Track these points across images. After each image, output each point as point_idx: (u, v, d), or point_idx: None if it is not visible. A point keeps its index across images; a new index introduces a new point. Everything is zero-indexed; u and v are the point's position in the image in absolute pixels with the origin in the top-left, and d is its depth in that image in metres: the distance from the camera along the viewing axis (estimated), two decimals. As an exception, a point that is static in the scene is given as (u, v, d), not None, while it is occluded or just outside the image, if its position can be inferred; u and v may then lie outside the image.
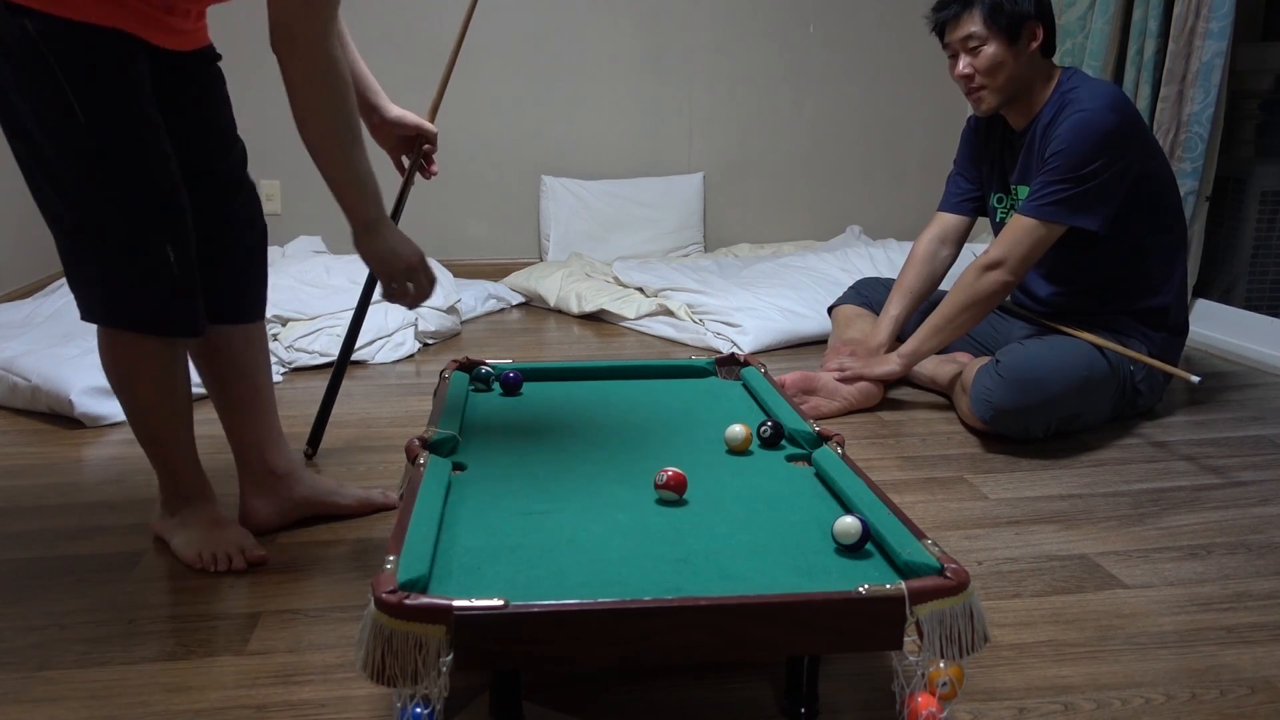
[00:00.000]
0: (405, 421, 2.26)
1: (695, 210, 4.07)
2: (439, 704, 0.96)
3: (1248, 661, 1.32)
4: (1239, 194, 3.18)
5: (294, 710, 1.20)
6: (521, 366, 1.82)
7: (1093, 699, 1.23)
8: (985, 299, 2.18)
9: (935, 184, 2.68)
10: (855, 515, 1.14)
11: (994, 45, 2.11)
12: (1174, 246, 2.26)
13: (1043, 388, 2.07)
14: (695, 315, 3.05)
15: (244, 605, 1.44)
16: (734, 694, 1.23)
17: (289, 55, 1.36)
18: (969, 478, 1.96)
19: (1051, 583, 1.53)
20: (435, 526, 1.15)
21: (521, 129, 3.98)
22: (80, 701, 1.21)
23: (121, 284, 1.42)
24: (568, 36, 3.89)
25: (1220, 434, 2.23)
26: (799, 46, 4.10)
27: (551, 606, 0.97)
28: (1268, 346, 2.82)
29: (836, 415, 2.31)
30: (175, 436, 1.55)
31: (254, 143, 3.21)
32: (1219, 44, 2.83)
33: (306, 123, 1.40)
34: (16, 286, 3.32)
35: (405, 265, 1.51)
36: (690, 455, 1.45)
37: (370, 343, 2.76)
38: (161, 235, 1.41)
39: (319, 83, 1.38)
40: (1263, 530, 1.73)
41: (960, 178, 2.44)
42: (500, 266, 3.91)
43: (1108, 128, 2.05)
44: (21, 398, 2.28)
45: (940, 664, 1.01)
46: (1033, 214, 2.12)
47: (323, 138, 1.41)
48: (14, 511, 1.77)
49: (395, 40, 3.68)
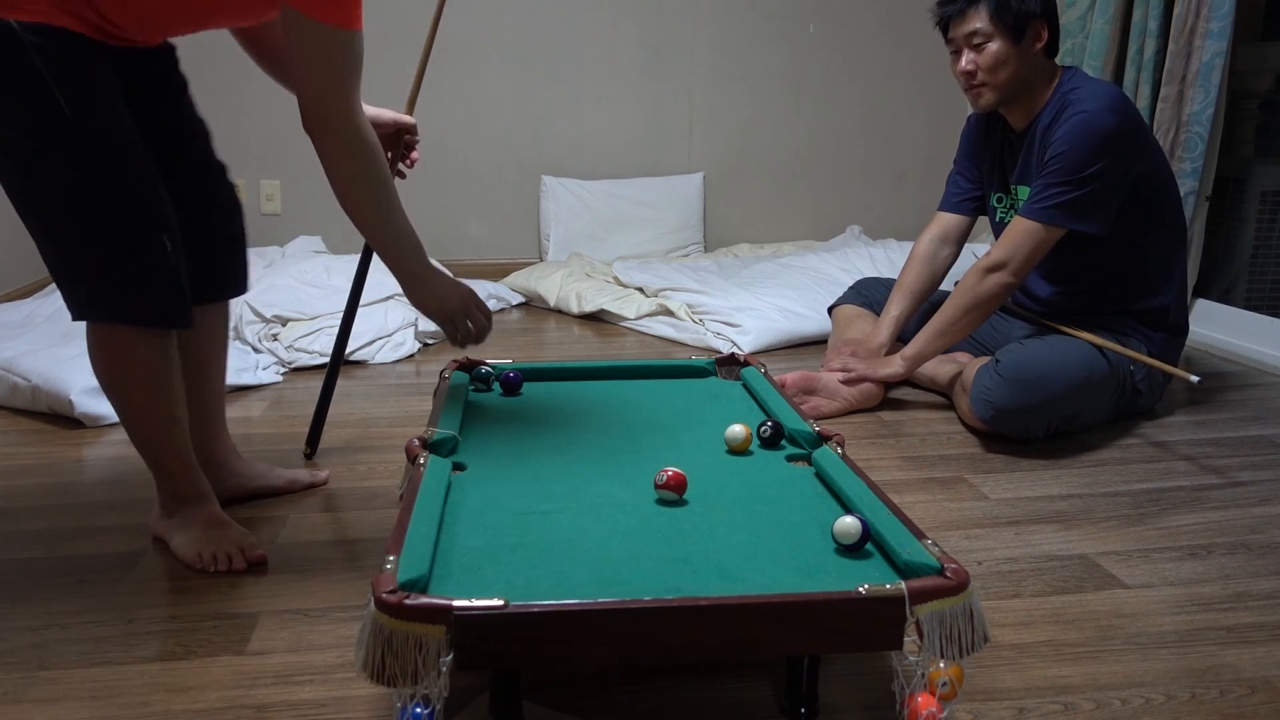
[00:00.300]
0: (405, 421, 2.26)
1: (695, 210, 4.07)
2: (439, 704, 0.96)
3: (1248, 661, 1.32)
4: (1239, 194, 3.18)
5: (294, 710, 1.20)
6: (521, 366, 1.82)
7: (1093, 699, 1.23)
8: (987, 301, 2.18)
9: (935, 184, 2.68)
10: (855, 515, 1.14)
11: (998, 43, 2.10)
12: (1174, 247, 2.26)
13: (1043, 387, 2.07)
14: (695, 315, 3.05)
15: (244, 605, 1.44)
16: (734, 694, 1.23)
17: (323, 136, 1.43)
18: (969, 478, 1.96)
19: (1051, 583, 1.53)
20: (435, 526, 1.15)
21: (521, 129, 3.98)
22: (80, 701, 1.21)
23: (120, 278, 1.42)
24: (568, 36, 3.89)
25: (1220, 434, 2.23)
26: (799, 46, 4.10)
27: (551, 606, 0.97)
28: (1268, 346, 2.82)
29: (837, 415, 2.31)
30: (170, 438, 1.55)
31: (254, 143, 3.22)
32: (1219, 44, 2.83)
33: (346, 195, 1.48)
34: (16, 286, 3.32)
35: (458, 306, 1.59)
36: (690, 455, 1.45)
37: (370, 343, 2.77)
38: (157, 228, 1.43)
39: (354, 158, 1.45)
40: (1263, 530, 1.73)
41: (960, 177, 2.44)
42: (500, 266, 3.91)
43: (1109, 129, 2.05)
44: (21, 398, 2.28)
45: (940, 664, 1.01)
46: (1034, 216, 2.11)
47: (361, 207, 1.50)
48: (14, 511, 1.77)
49: (396, 41, 3.68)
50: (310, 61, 1.40)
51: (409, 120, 1.89)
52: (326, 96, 1.41)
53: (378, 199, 1.50)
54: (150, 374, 1.49)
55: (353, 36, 1.41)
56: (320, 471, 1.90)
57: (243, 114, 3.23)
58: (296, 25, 1.38)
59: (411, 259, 1.55)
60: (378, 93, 2.52)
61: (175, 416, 1.54)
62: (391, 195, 1.52)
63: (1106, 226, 2.12)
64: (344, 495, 1.84)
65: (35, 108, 1.34)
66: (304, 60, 1.40)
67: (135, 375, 1.49)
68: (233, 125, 3.33)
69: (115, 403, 1.53)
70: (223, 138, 1.70)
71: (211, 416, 1.73)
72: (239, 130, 3.52)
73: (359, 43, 1.43)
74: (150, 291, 1.44)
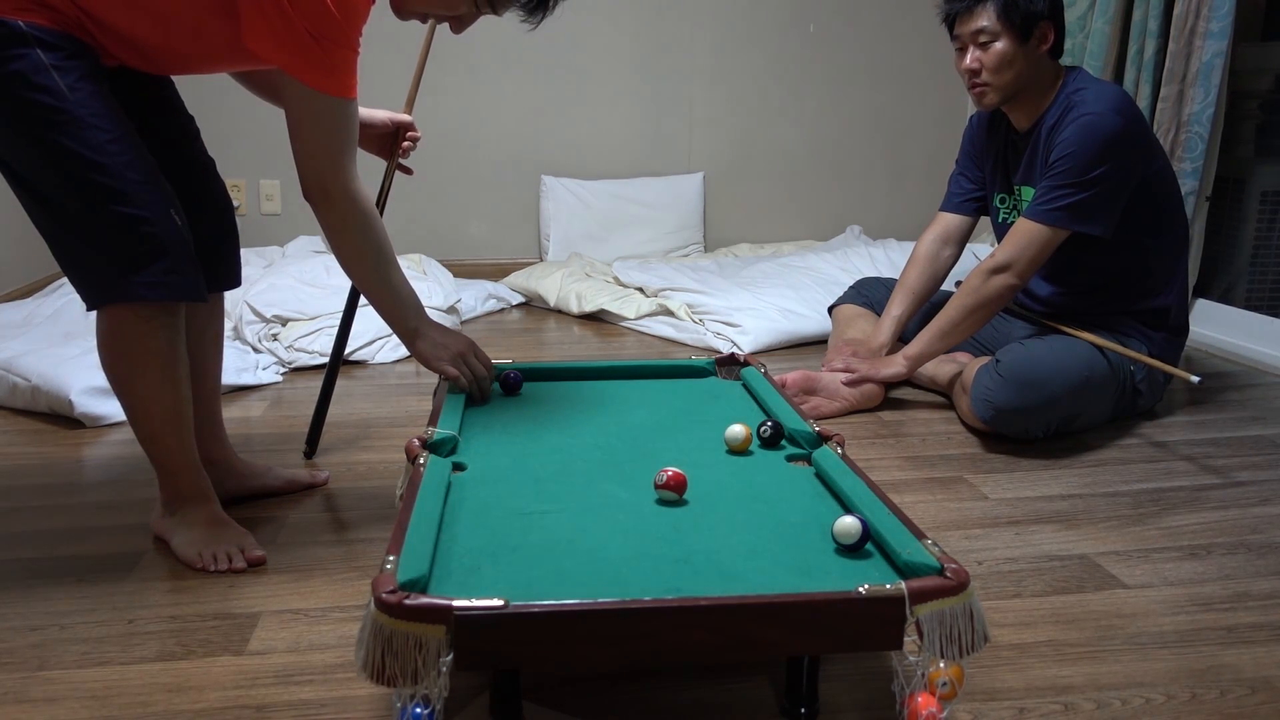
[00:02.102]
0: (405, 421, 2.26)
1: (695, 210, 4.07)
2: (439, 704, 0.96)
3: (1248, 661, 1.32)
4: (1239, 194, 3.18)
5: (294, 710, 1.20)
6: (521, 366, 1.82)
7: (1093, 699, 1.23)
8: (991, 302, 2.18)
9: (936, 184, 2.68)
10: (855, 515, 1.14)
11: (1004, 42, 2.10)
12: (1176, 247, 2.26)
13: (1043, 388, 2.07)
14: (695, 315, 3.05)
15: (244, 605, 1.44)
16: (734, 694, 1.23)
17: (323, 207, 1.51)
18: (969, 478, 1.96)
19: (1051, 583, 1.53)
20: (435, 526, 1.15)
21: (521, 129, 3.98)
22: (80, 701, 1.21)
23: (137, 256, 1.42)
24: (568, 36, 3.88)
25: (1220, 434, 2.23)
26: (799, 46, 4.10)
27: (551, 606, 0.97)
28: (1268, 346, 2.82)
29: (837, 415, 2.31)
30: (175, 435, 1.55)
31: (254, 143, 3.22)
32: (1219, 44, 2.83)
33: (345, 260, 1.58)
34: (16, 286, 3.32)
35: (455, 353, 1.64)
36: (690, 455, 1.45)
37: (370, 343, 2.77)
38: (167, 202, 1.45)
39: (353, 226, 1.54)
40: (1263, 530, 1.73)
41: (962, 177, 2.44)
42: (500, 266, 3.91)
43: (1114, 132, 2.05)
44: (21, 398, 2.28)
45: (940, 664, 1.01)
46: (1039, 218, 2.11)
47: (362, 269, 1.59)
48: (14, 511, 1.77)
49: (396, 41, 3.68)
50: (309, 131, 1.46)
51: (405, 119, 1.91)
52: (325, 171, 1.48)
53: (375, 262, 1.58)
54: (160, 364, 1.49)
55: (349, 105, 1.47)
56: (320, 471, 1.90)
57: (242, 114, 3.23)
58: (296, 94, 1.43)
59: (409, 315, 1.63)
60: (378, 93, 2.54)
61: (181, 412, 1.54)
62: (390, 256, 1.60)
63: (1110, 228, 2.12)
64: (344, 495, 1.84)
65: (39, 95, 1.35)
66: (303, 130, 1.46)
67: (145, 366, 1.49)
68: (232, 125, 3.34)
69: (122, 396, 1.53)
70: (222, 138, 1.71)
71: (209, 415, 1.73)
72: (239, 130, 3.52)
73: (355, 111, 1.50)
74: (169, 267, 1.44)
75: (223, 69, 1.62)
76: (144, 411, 1.53)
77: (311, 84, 1.41)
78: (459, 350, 1.65)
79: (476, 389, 1.65)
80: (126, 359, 1.49)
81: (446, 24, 1.58)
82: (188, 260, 1.47)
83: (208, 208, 1.64)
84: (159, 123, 1.58)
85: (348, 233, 1.54)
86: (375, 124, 1.86)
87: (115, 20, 1.41)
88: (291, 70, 1.40)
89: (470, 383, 1.65)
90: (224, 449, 1.78)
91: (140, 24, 1.43)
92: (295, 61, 1.39)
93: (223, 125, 2.79)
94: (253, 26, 1.38)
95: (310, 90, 1.42)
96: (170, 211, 1.45)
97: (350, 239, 1.55)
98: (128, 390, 1.52)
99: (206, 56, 1.52)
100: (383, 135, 1.89)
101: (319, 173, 1.48)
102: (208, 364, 1.73)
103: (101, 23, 1.41)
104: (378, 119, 1.86)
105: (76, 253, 1.45)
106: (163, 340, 1.48)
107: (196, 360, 1.65)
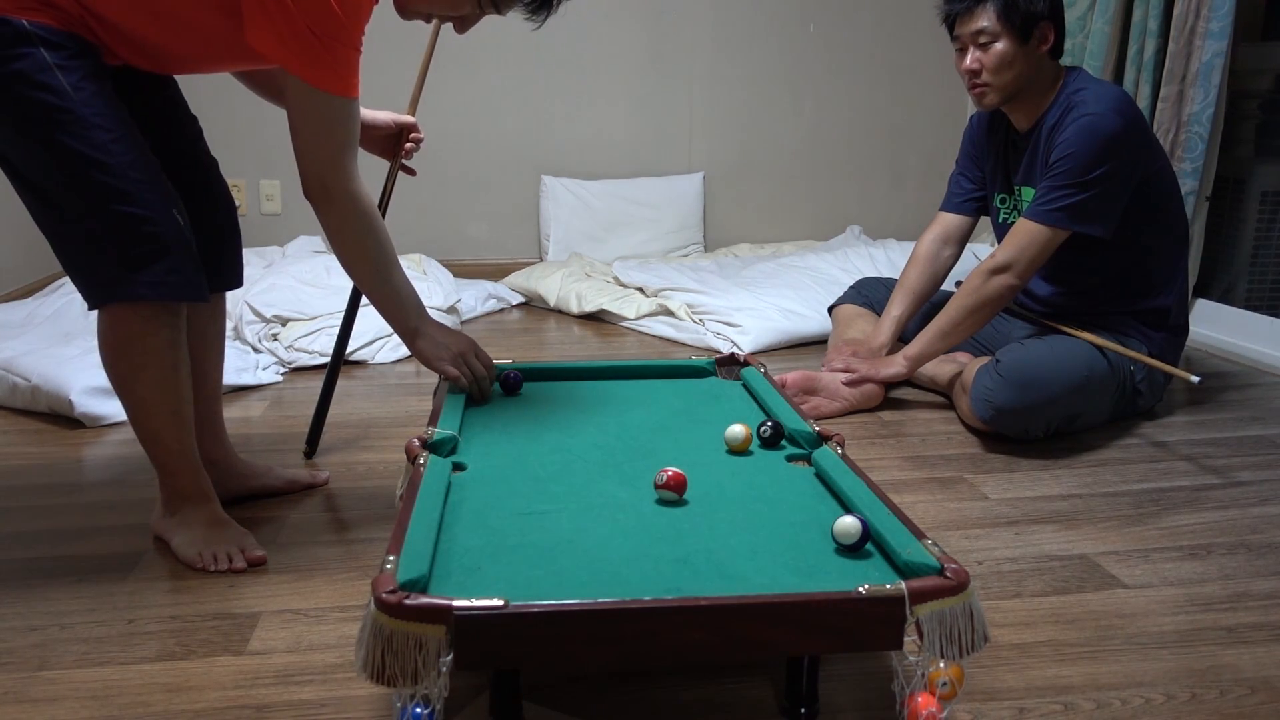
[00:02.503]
0: (405, 421, 2.26)
1: (695, 210, 4.07)
2: (439, 704, 0.96)
3: (1248, 661, 1.32)
4: (1239, 194, 3.18)
5: (294, 710, 1.20)
6: (521, 366, 1.82)
7: (1093, 699, 1.23)
8: (991, 302, 2.18)
9: (935, 184, 2.68)
10: (855, 515, 1.14)
11: (1005, 42, 2.10)
12: (1176, 248, 2.26)
13: (1043, 388, 2.07)
14: (695, 315, 3.05)
15: (244, 605, 1.44)
16: (734, 694, 1.23)
17: (323, 207, 1.51)
18: (969, 478, 1.96)
19: (1051, 583, 1.53)
20: (435, 526, 1.15)
21: (521, 129, 3.98)
22: (80, 701, 1.21)
23: (140, 255, 1.42)
24: (568, 36, 3.88)
25: (1220, 434, 2.23)
26: (799, 46, 4.10)
27: (551, 606, 0.97)
28: (1268, 346, 2.82)
29: (837, 415, 2.31)
30: (175, 435, 1.55)
31: (254, 143, 3.23)
32: (1219, 44, 2.83)
33: (346, 259, 1.58)
34: (16, 286, 3.32)
35: (455, 353, 1.64)
36: (690, 455, 1.45)
37: (370, 343, 2.77)
38: (169, 202, 1.45)
39: (354, 225, 1.53)
40: (1263, 530, 1.73)
41: (962, 178, 2.44)
42: (500, 266, 3.91)
43: (1115, 132, 2.05)
44: (21, 398, 2.28)
45: (940, 664, 1.01)
46: (1039, 219, 2.11)
47: (363, 269, 1.59)
48: (14, 511, 1.77)
49: (398, 41, 3.68)
50: (311, 130, 1.46)
51: (408, 120, 1.91)
52: (325, 170, 1.48)
53: (376, 262, 1.58)
54: (161, 363, 1.49)
55: (350, 105, 1.47)
56: (320, 472, 1.90)
57: (243, 114, 3.23)
58: (297, 92, 1.43)
59: (409, 315, 1.63)
60: (381, 93, 2.54)
61: (182, 411, 1.54)
62: (391, 256, 1.59)
63: (1111, 229, 2.12)
64: (344, 495, 1.84)
65: (43, 94, 1.35)
66: (304, 128, 1.46)
67: (146, 365, 1.49)
68: (233, 125, 3.34)
69: (123, 395, 1.53)
70: (223, 138, 1.71)
71: (210, 415, 1.73)
72: (239, 130, 3.53)
73: (356, 110, 1.50)
74: (171, 266, 1.44)
75: (225, 68, 1.62)
76: (144, 411, 1.53)
77: (313, 82, 1.41)
78: (460, 350, 1.65)
79: (477, 389, 1.65)
80: (127, 358, 1.49)
81: (450, 24, 1.58)
82: (189, 260, 1.47)
83: (210, 207, 1.64)
84: (162, 122, 1.58)
85: (348, 232, 1.54)
86: (378, 125, 1.86)
87: (119, 19, 1.41)
88: (293, 68, 1.40)
89: (470, 383, 1.64)
90: (224, 449, 1.78)
91: (143, 23, 1.43)
92: (297, 59, 1.39)
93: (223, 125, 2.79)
94: (255, 24, 1.38)
95: (312, 88, 1.42)
96: (173, 211, 1.45)
97: (351, 238, 1.55)
98: (128, 390, 1.52)
99: (209, 56, 1.52)
100: (386, 136, 1.89)
101: (320, 172, 1.48)
102: (209, 364, 1.73)
103: (105, 21, 1.41)
104: (381, 120, 1.86)
105: (78, 252, 1.45)
106: (164, 340, 1.48)
107: (197, 360, 1.65)
